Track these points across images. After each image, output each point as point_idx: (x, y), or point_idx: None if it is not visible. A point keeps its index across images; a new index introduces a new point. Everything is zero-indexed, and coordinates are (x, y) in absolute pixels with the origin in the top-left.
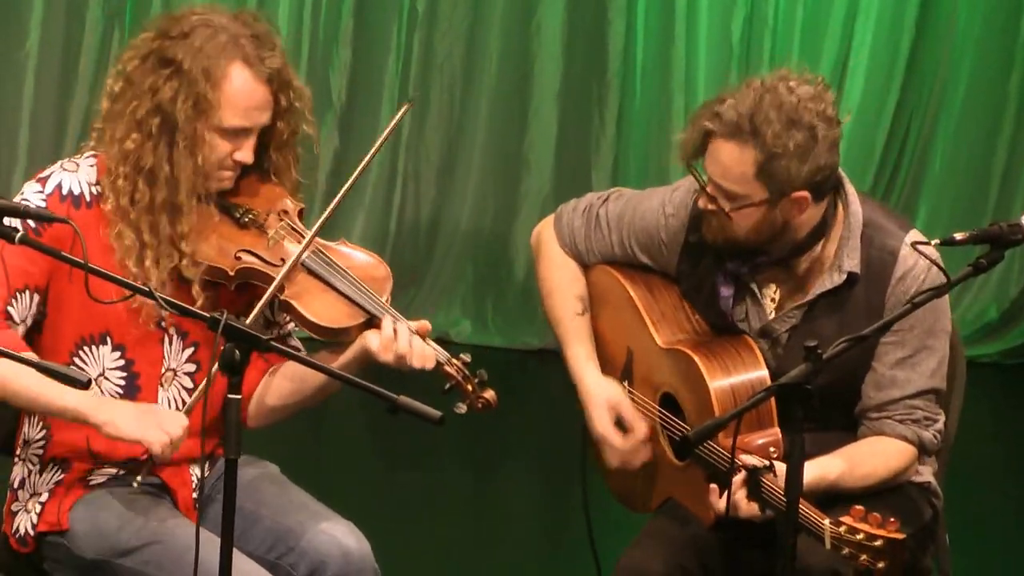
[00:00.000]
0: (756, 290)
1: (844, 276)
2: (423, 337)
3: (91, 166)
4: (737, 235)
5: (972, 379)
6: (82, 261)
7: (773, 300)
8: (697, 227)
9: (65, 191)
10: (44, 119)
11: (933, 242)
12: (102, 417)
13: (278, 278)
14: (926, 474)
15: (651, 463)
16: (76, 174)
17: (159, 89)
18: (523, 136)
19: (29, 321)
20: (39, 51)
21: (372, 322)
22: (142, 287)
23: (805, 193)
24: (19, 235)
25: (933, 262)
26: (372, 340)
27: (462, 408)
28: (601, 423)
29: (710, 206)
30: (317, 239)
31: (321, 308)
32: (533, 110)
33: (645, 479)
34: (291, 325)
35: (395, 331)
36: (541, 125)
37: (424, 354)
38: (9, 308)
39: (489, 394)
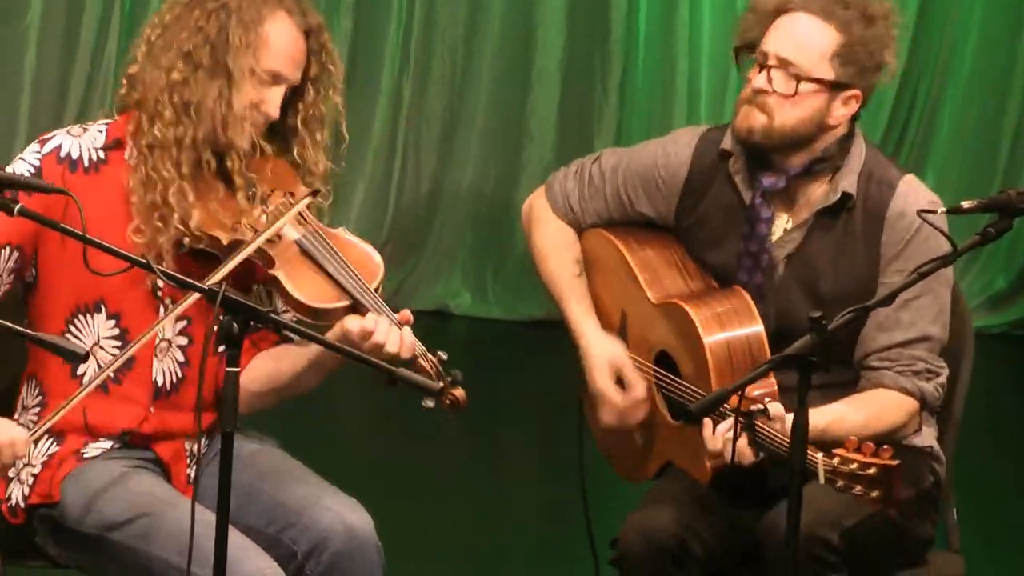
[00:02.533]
0: (771, 215)
1: (839, 195)
2: (400, 327)
3: (100, 131)
4: (784, 124)
5: (981, 350)
6: (80, 232)
7: (786, 230)
8: (705, 165)
9: (63, 154)
10: (46, 88)
11: (940, 210)
12: None
13: (259, 240)
14: (928, 437)
15: (647, 426)
16: (80, 139)
17: (205, 25)
18: (525, 104)
19: (6, 279)
20: (41, 20)
21: (356, 308)
22: (140, 259)
23: (859, 92)
24: (18, 207)
25: (939, 230)
26: (352, 324)
27: (429, 403)
28: (601, 379)
29: (765, 85)
30: (318, 224)
31: (307, 286)
32: (535, 77)
33: (642, 443)
34: (288, 315)
35: (376, 322)
36: (543, 93)
37: (403, 341)
38: None
39: (459, 392)
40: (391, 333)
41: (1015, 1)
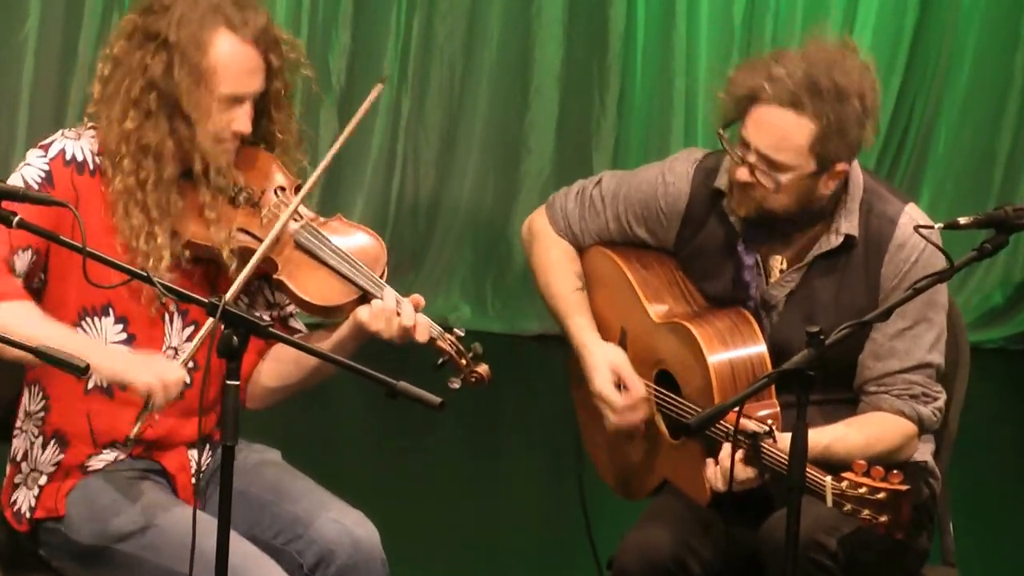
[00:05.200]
0: (760, 260)
1: (841, 238)
2: (416, 310)
3: (92, 137)
4: (775, 208)
5: (978, 365)
6: (80, 245)
7: (781, 271)
8: (702, 197)
9: (69, 156)
10: (44, 100)
11: (937, 226)
12: (94, 360)
13: (260, 250)
14: (924, 453)
15: (646, 445)
16: (78, 141)
17: (149, 65)
18: (523, 118)
19: (24, 276)
20: (39, 32)
21: (365, 299)
22: (140, 272)
23: (846, 165)
24: (17, 219)
25: (935, 245)
26: (363, 312)
27: (456, 383)
28: (601, 382)
29: (748, 179)
30: (311, 215)
31: (314, 286)
32: (533, 92)
33: (640, 461)
34: (291, 307)
35: (384, 299)
36: (541, 107)
37: (419, 321)
38: (14, 260)
39: (483, 368)
40: (405, 315)
41: (1011, 19)
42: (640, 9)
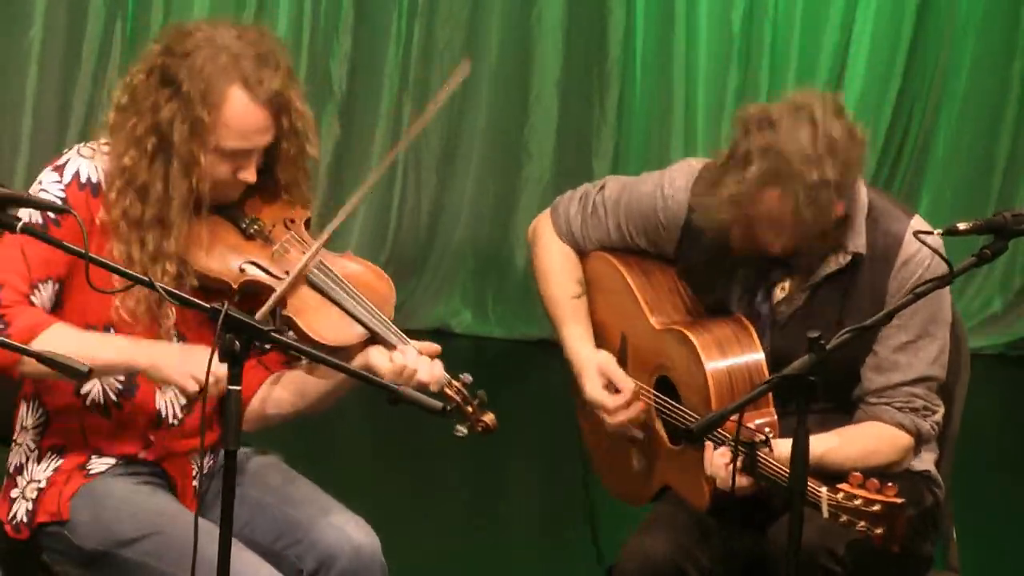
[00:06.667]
0: (767, 285)
1: (849, 257)
2: (431, 358)
3: (105, 154)
4: (776, 254)
5: (978, 371)
6: (82, 250)
7: (783, 290)
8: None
9: (84, 179)
10: (47, 108)
11: (936, 231)
12: (144, 362)
13: (279, 291)
14: (927, 462)
15: (646, 451)
16: (92, 160)
17: (159, 109)
18: (523, 125)
19: (46, 310)
20: (42, 40)
21: (374, 339)
22: (142, 277)
23: (841, 204)
24: (20, 224)
25: (936, 252)
26: (378, 359)
27: (462, 431)
28: (592, 388)
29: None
30: (324, 251)
31: (323, 326)
32: (533, 99)
33: (641, 467)
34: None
35: (405, 358)
36: (541, 114)
37: (432, 369)
38: (32, 297)
39: (489, 417)
40: (420, 362)
41: (1008, 27)
42: (639, 16)
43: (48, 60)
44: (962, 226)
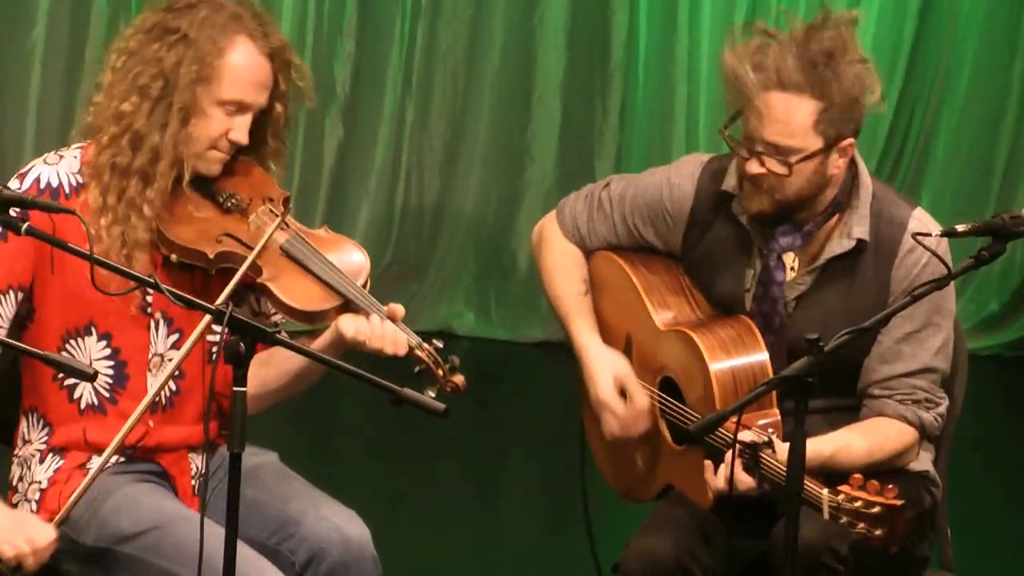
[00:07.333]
0: (779, 262)
1: (853, 242)
2: (395, 321)
3: (75, 157)
4: (788, 195)
5: (975, 372)
6: (87, 252)
7: (793, 268)
8: (708, 198)
9: (43, 184)
10: (51, 107)
11: (935, 233)
12: None
13: (251, 256)
14: (924, 462)
15: (650, 450)
16: (56, 167)
17: (163, 57)
18: (526, 126)
19: (9, 321)
20: (46, 40)
21: (348, 306)
22: (147, 279)
23: (852, 139)
24: (25, 226)
25: (934, 253)
26: (347, 326)
27: (431, 392)
28: (605, 391)
29: (760, 170)
30: (298, 225)
31: (297, 291)
32: (536, 100)
33: (644, 467)
34: (277, 316)
35: (370, 329)
36: (544, 115)
37: (396, 340)
38: None
39: (458, 378)
40: (386, 336)
41: (1009, 28)
42: (642, 17)
43: (52, 61)
44: (960, 228)
